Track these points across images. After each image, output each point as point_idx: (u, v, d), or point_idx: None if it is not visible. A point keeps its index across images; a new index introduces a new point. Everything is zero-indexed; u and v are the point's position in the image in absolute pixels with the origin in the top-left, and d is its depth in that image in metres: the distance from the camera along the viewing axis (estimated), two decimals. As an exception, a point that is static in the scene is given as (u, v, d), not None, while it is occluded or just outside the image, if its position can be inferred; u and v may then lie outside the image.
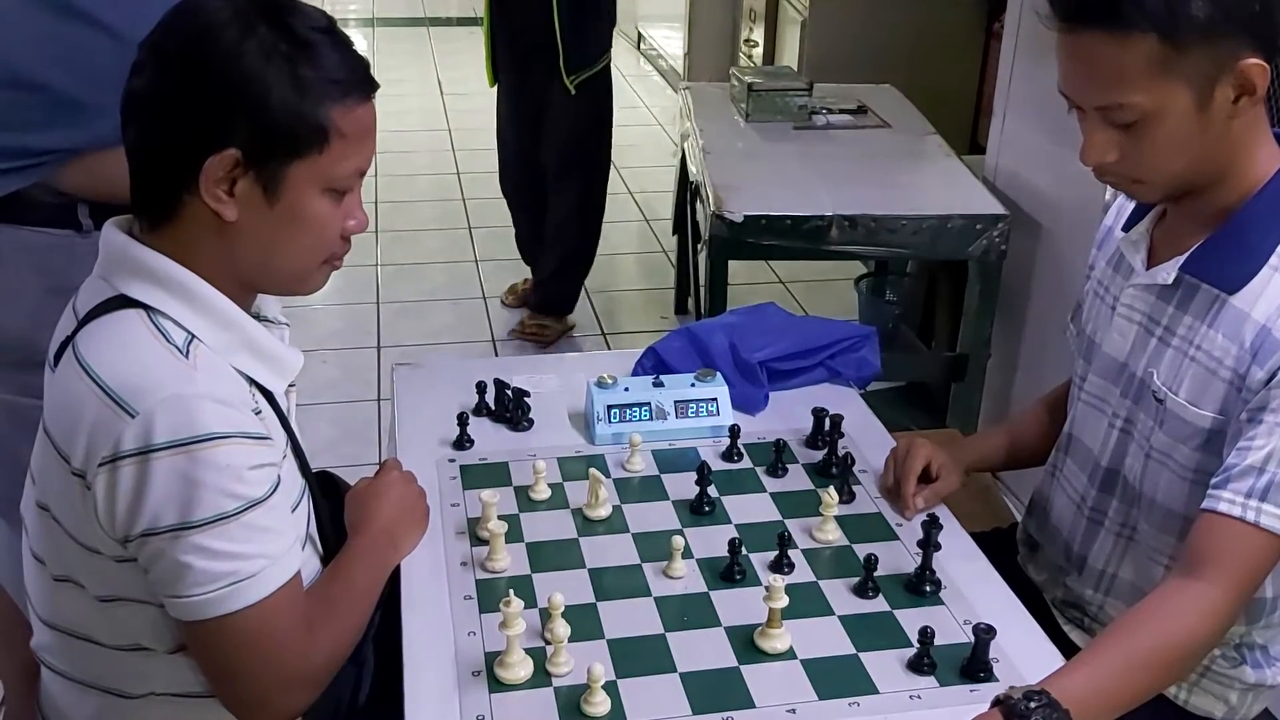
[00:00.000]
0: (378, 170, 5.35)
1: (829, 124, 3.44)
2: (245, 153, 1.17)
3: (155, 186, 1.22)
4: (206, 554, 1.15)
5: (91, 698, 1.30)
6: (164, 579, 1.17)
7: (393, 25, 8.58)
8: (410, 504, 1.51)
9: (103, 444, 1.13)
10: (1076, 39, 1.29)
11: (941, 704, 1.28)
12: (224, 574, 1.16)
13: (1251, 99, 1.29)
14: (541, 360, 2.80)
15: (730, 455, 1.73)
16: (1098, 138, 1.33)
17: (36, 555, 1.28)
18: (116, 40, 1.52)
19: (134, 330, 1.19)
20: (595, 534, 1.55)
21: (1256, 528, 1.27)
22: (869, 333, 1.99)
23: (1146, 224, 1.50)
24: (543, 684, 1.29)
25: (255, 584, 1.18)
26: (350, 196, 1.26)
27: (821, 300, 4.26)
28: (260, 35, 1.16)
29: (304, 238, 1.24)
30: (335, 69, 1.19)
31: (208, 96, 1.16)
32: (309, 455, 1.39)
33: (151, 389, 1.14)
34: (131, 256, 1.22)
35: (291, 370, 1.34)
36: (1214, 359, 1.36)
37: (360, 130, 1.23)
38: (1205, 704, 1.51)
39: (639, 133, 6.32)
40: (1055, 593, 1.66)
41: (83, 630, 1.28)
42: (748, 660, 1.33)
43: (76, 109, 1.55)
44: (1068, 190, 2.78)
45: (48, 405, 1.23)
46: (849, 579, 1.46)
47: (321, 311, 4.13)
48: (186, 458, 1.13)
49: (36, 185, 1.58)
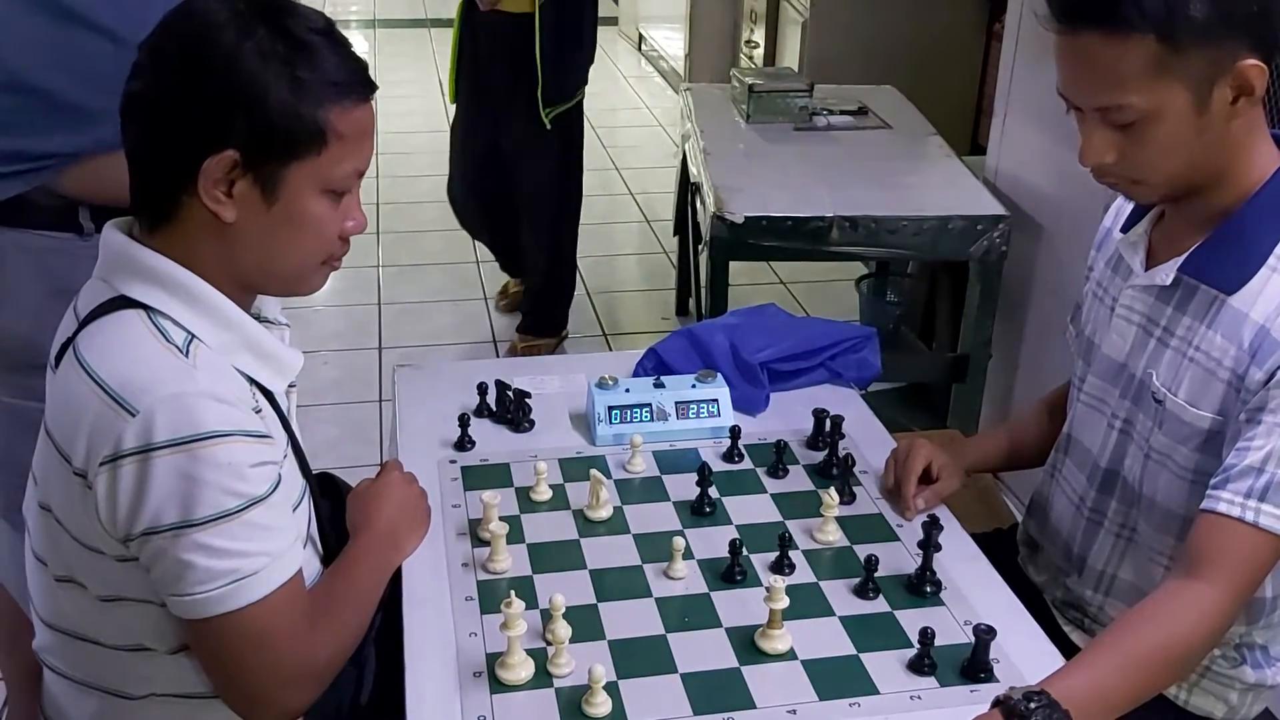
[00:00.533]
0: (379, 172, 5.35)
1: (830, 125, 3.45)
2: (243, 154, 1.17)
3: (154, 188, 1.22)
4: (208, 552, 1.15)
5: (92, 698, 1.31)
6: (165, 578, 1.18)
7: (394, 27, 8.58)
8: (412, 505, 1.51)
9: (103, 443, 1.14)
10: (1075, 40, 1.29)
11: (942, 704, 1.28)
12: (225, 572, 1.16)
13: (1250, 100, 1.29)
14: (542, 362, 2.80)
15: (731, 456, 1.73)
16: (1096, 138, 1.33)
17: (38, 556, 1.29)
18: (117, 44, 1.52)
19: (134, 330, 1.19)
20: (596, 535, 1.55)
21: (1256, 528, 1.27)
22: (869, 333, 2.00)
23: (1145, 225, 1.50)
24: (544, 685, 1.29)
25: (256, 582, 1.18)
26: (349, 197, 1.27)
27: (822, 301, 4.27)
28: (258, 37, 1.16)
29: (302, 238, 1.25)
30: (333, 70, 1.20)
31: (205, 98, 1.16)
32: (310, 456, 1.39)
33: (151, 387, 1.14)
34: (131, 257, 1.23)
35: (291, 370, 1.35)
36: (1213, 359, 1.36)
37: (358, 132, 1.23)
38: (1205, 704, 1.51)
39: (640, 134, 6.33)
40: (1055, 593, 1.66)
41: (84, 631, 1.28)
42: (748, 661, 1.33)
43: (78, 113, 1.55)
44: (1068, 191, 2.78)
45: (49, 406, 1.23)
46: (849, 580, 1.47)
47: (323, 312, 4.14)
48: (187, 456, 1.13)
49: (38, 189, 1.59)
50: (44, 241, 1.64)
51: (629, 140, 6.18)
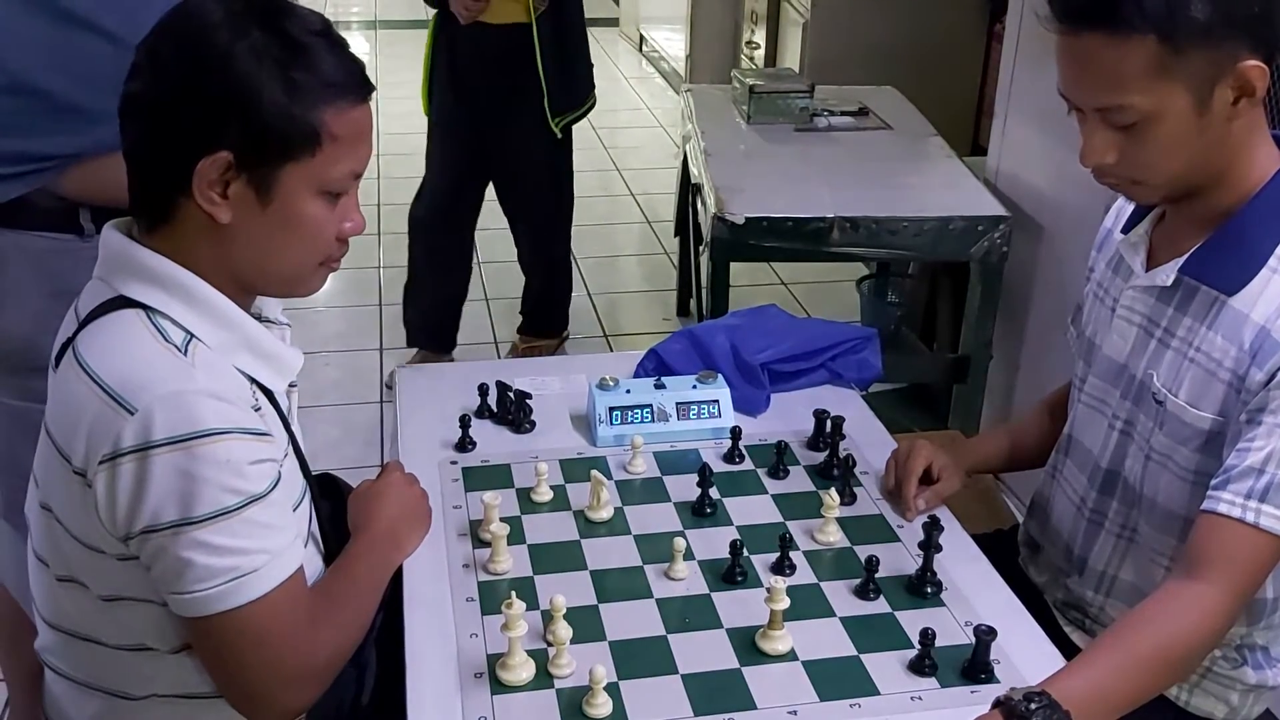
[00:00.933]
0: (379, 173, 5.35)
1: (830, 126, 3.45)
2: (237, 155, 1.17)
3: (152, 188, 1.23)
4: (208, 550, 1.15)
5: (94, 699, 1.31)
6: (166, 576, 1.18)
7: (394, 28, 8.57)
8: (413, 505, 1.52)
9: (102, 442, 1.14)
10: (1076, 40, 1.29)
11: (942, 705, 1.28)
12: (225, 570, 1.16)
13: (1250, 100, 1.29)
14: (543, 363, 2.80)
15: (732, 457, 1.73)
16: (1097, 139, 1.33)
17: (40, 556, 1.29)
18: (116, 45, 1.52)
19: (132, 329, 1.19)
20: (597, 536, 1.55)
21: (1256, 529, 1.27)
22: (870, 334, 2.00)
23: (1145, 226, 1.50)
24: (545, 685, 1.29)
25: (257, 579, 1.18)
26: (346, 199, 1.26)
27: (823, 302, 4.27)
28: (253, 38, 1.16)
29: (298, 240, 1.25)
30: (328, 71, 1.20)
31: (200, 99, 1.16)
32: (311, 457, 1.39)
33: (149, 386, 1.14)
34: (130, 257, 1.23)
35: (291, 369, 1.35)
36: (1213, 360, 1.36)
37: (354, 133, 1.23)
38: (1206, 705, 1.51)
39: (641, 135, 6.33)
40: (1056, 594, 1.66)
41: (85, 631, 1.28)
42: (749, 662, 1.33)
43: (77, 114, 1.55)
44: (1069, 192, 2.78)
45: (49, 406, 1.23)
46: (850, 580, 1.47)
47: (324, 313, 4.14)
48: (186, 454, 1.13)
49: (39, 190, 1.59)
50: (44, 243, 1.64)
51: (630, 141, 6.18)
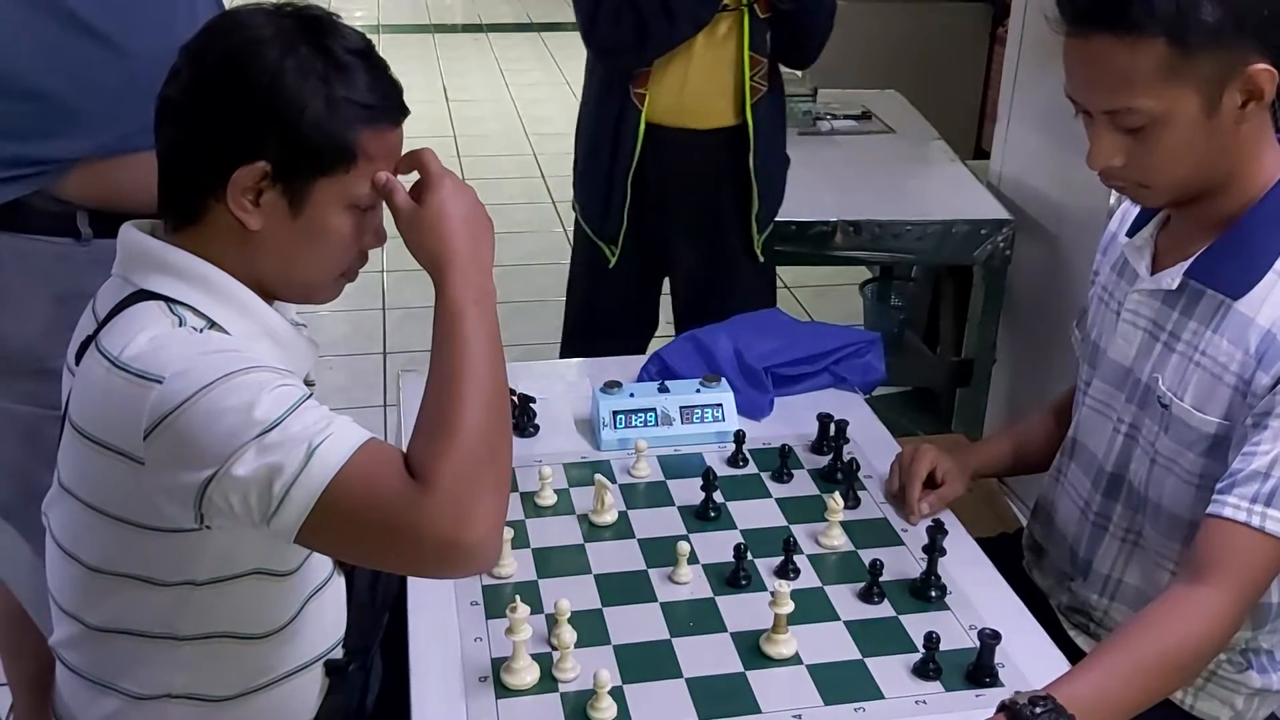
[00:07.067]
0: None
1: (833, 130, 3.44)
2: (274, 166, 1.19)
3: (183, 190, 1.24)
4: (281, 448, 1.10)
5: (108, 699, 1.30)
6: (258, 500, 1.11)
7: (398, 32, 8.58)
8: (476, 209, 1.30)
9: (139, 417, 1.12)
10: (1085, 42, 1.29)
11: (947, 709, 1.28)
12: (301, 449, 1.10)
13: (1259, 104, 1.29)
14: (547, 367, 2.79)
15: (735, 461, 1.73)
16: (1104, 142, 1.33)
17: (69, 553, 1.27)
18: (116, 51, 1.53)
19: (151, 316, 1.20)
20: (601, 540, 1.55)
21: (1262, 533, 1.27)
22: (874, 338, 2.00)
23: (1151, 229, 1.50)
24: (549, 689, 1.29)
25: (334, 444, 1.11)
26: (372, 213, 1.28)
27: (827, 305, 4.26)
28: (300, 55, 1.18)
29: (323, 251, 1.26)
30: (368, 93, 1.21)
31: (244, 109, 1.18)
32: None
33: (169, 356, 1.14)
34: (149, 252, 1.24)
35: (309, 358, 1.35)
36: (1219, 364, 1.36)
37: (387, 153, 1.24)
38: (1211, 709, 1.51)
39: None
40: (1061, 598, 1.66)
41: (121, 623, 1.26)
42: (753, 666, 1.33)
43: (76, 118, 1.55)
44: (1073, 195, 2.78)
45: (74, 402, 1.23)
46: (854, 584, 1.46)
47: (328, 317, 4.14)
48: (224, 388, 1.11)
49: (36, 194, 1.59)
50: (42, 247, 1.63)
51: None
